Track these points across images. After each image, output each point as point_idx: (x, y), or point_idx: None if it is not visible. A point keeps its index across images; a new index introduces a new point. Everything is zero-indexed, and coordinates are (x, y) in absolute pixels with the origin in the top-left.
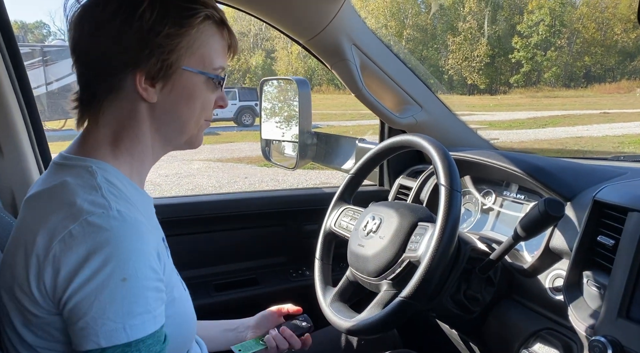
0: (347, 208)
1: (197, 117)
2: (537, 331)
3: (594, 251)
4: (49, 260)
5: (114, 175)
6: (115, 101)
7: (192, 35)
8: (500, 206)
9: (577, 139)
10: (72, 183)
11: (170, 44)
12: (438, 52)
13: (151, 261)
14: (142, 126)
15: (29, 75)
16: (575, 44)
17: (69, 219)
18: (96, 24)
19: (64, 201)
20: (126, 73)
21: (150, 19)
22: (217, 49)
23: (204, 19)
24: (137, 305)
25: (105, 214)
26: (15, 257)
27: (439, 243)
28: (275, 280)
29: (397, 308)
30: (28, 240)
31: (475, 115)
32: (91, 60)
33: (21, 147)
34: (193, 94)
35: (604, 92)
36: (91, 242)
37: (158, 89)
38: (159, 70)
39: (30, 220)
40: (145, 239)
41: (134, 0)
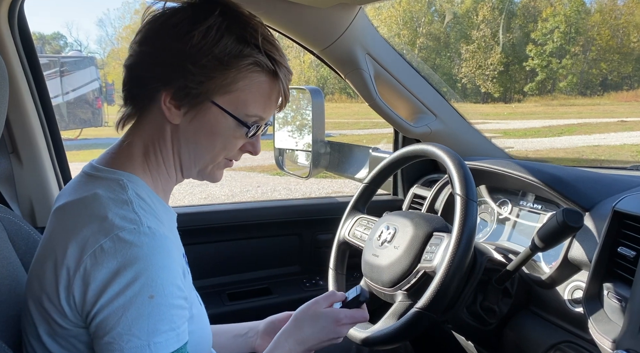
0: (361, 218)
1: (215, 154)
2: (556, 344)
3: (615, 262)
4: (79, 273)
5: (143, 189)
6: (148, 115)
7: (232, 75)
8: (517, 216)
9: (594, 148)
10: (103, 196)
11: (203, 75)
12: (451, 61)
13: (177, 278)
14: (168, 145)
15: (47, 85)
16: (591, 52)
17: (101, 233)
18: (152, 33)
19: (96, 214)
20: (156, 88)
21: (195, 45)
22: (257, 97)
23: (251, 64)
24: (162, 322)
25: (137, 230)
26: (44, 267)
27: (455, 253)
28: (289, 290)
29: (413, 320)
30: (58, 251)
31: (490, 123)
32: (133, 67)
33: (40, 157)
34: (215, 131)
35: (621, 100)
36: (121, 258)
37: (182, 112)
38: (185, 95)
39: (61, 231)
40: (172, 256)
41: (194, 20)
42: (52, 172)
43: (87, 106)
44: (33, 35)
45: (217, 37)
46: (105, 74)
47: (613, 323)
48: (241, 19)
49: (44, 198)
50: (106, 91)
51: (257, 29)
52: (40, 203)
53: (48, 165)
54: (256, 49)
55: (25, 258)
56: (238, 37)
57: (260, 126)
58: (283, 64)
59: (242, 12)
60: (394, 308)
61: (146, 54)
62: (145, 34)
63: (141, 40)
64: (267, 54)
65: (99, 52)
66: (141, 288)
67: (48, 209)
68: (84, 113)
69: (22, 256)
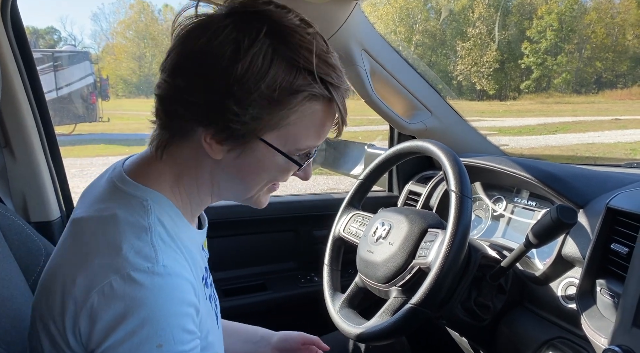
0: (356, 214)
1: (262, 186)
2: (549, 340)
3: (608, 259)
4: (86, 308)
5: (168, 211)
6: (185, 143)
7: (282, 113)
8: (511, 213)
9: (588, 146)
10: (122, 220)
11: (248, 116)
12: (447, 58)
13: (189, 323)
14: (206, 176)
15: (41, 80)
16: (586, 50)
17: (112, 268)
18: (188, 60)
19: (110, 243)
20: (194, 127)
21: (239, 79)
22: (310, 128)
23: (306, 99)
24: None
25: (150, 269)
26: (52, 287)
27: (450, 249)
28: (284, 286)
29: (407, 315)
30: (67, 278)
31: (485, 121)
32: (166, 100)
33: (33, 151)
34: (263, 167)
35: (616, 99)
36: (130, 301)
37: (225, 148)
38: (228, 136)
39: (73, 252)
40: (186, 299)
41: (238, 46)
42: (46, 167)
43: (81, 101)
44: (26, 29)
45: (265, 67)
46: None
47: (606, 319)
48: (293, 37)
49: (38, 192)
50: (100, 86)
51: (311, 49)
52: (33, 197)
53: (41, 160)
54: (310, 77)
55: (18, 253)
56: (289, 62)
57: (312, 155)
58: (340, 86)
59: (291, 25)
60: (389, 304)
61: (181, 88)
62: (179, 61)
63: (175, 69)
64: (322, 80)
65: (94, 47)
66: (148, 336)
67: (41, 204)
68: (78, 108)
69: (15, 250)
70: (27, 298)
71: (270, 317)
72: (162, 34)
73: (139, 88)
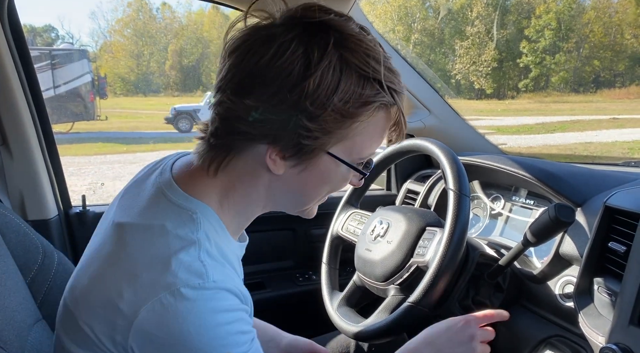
0: (355, 212)
1: (321, 198)
2: (547, 338)
3: (605, 257)
4: (136, 325)
5: (215, 226)
6: (241, 159)
7: (353, 125)
8: (509, 212)
9: (586, 145)
10: (171, 233)
11: (320, 131)
12: (445, 57)
13: (244, 325)
14: (260, 189)
15: (38, 78)
16: (584, 49)
17: (161, 284)
18: (256, 78)
19: (159, 257)
20: (261, 145)
21: (311, 95)
22: (374, 137)
23: (376, 109)
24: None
25: (201, 286)
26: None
27: (447, 248)
28: (282, 284)
29: (405, 314)
30: (113, 286)
31: (483, 120)
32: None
33: (30, 150)
34: (327, 179)
35: (614, 98)
36: (183, 317)
37: (289, 164)
38: (296, 151)
39: (118, 261)
40: (237, 306)
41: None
42: (43, 165)
43: (79, 100)
44: (24, 27)
45: (335, 80)
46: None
47: (603, 317)
48: (359, 47)
49: (35, 191)
50: (98, 85)
51: (378, 59)
52: (30, 196)
53: (39, 158)
54: (377, 85)
55: (16, 251)
56: (358, 73)
57: (372, 163)
58: (401, 91)
59: (355, 34)
60: (387, 302)
61: (250, 107)
62: (244, 79)
63: (240, 87)
64: (389, 88)
65: (91, 45)
66: (214, 349)
67: (39, 202)
68: (76, 107)
69: (13, 249)
70: (24, 296)
71: (269, 315)
72: (160, 32)
73: (137, 86)
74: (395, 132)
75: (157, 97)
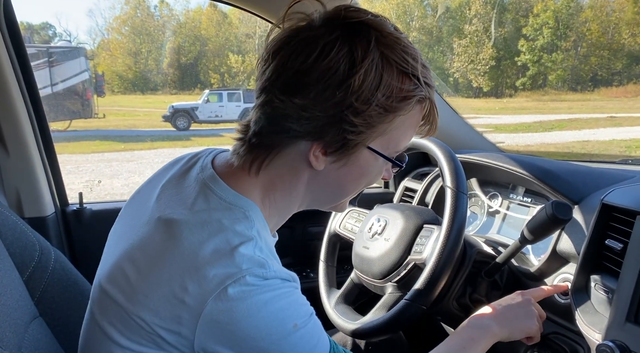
0: (352, 210)
1: (355, 192)
2: (544, 335)
3: (602, 254)
4: (205, 317)
5: (262, 223)
6: (283, 157)
7: (394, 119)
8: (507, 209)
9: (583, 143)
10: (229, 229)
11: (365, 126)
12: (444, 55)
13: (301, 296)
14: (299, 186)
15: (35, 76)
16: (582, 48)
17: (227, 275)
18: (302, 78)
19: (221, 250)
20: (307, 141)
21: (356, 91)
22: (409, 130)
23: (415, 103)
24: (312, 338)
25: (264, 275)
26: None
27: (445, 245)
28: None
29: (402, 311)
30: (175, 282)
31: (481, 118)
32: (279, 119)
33: (27, 147)
34: (365, 173)
35: (611, 96)
36: (253, 304)
37: (330, 160)
38: (340, 146)
39: (174, 256)
40: (297, 289)
41: (352, 58)
42: (40, 162)
43: (77, 98)
44: (21, 24)
45: (378, 77)
46: (95, 65)
47: (600, 314)
48: (398, 44)
49: (32, 188)
50: (96, 82)
51: (414, 56)
52: (27, 193)
53: (36, 156)
54: (415, 80)
55: (12, 249)
56: (398, 69)
57: (405, 156)
58: (433, 85)
59: (393, 33)
60: (384, 299)
61: (298, 106)
62: (291, 78)
63: (288, 86)
64: (425, 83)
65: (89, 43)
66: (282, 324)
67: (35, 199)
68: (73, 104)
69: (9, 246)
70: (21, 294)
71: None
72: (158, 30)
73: (134, 84)
74: (427, 125)
75: (155, 95)
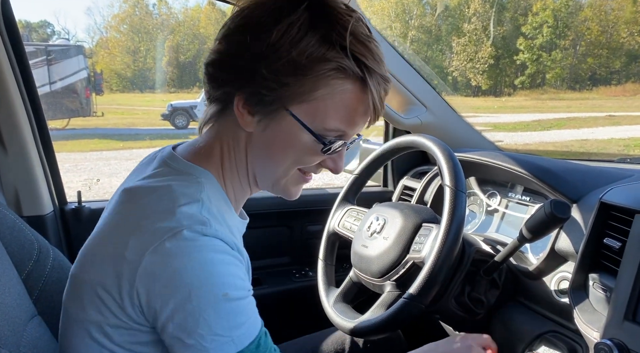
0: (351, 209)
1: (287, 168)
2: (542, 334)
3: (600, 253)
4: (142, 268)
5: (217, 192)
6: (226, 118)
7: (309, 82)
8: (505, 208)
9: (582, 142)
10: (176, 191)
11: (276, 81)
12: (442, 54)
13: (243, 271)
14: (242, 154)
15: (33, 74)
16: (580, 47)
17: (165, 229)
18: (233, 28)
19: (164, 209)
20: (230, 91)
21: (273, 45)
22: (339, 108)
23: (333, 70)
24: (240, 315)
25: (202, 231)
26: (102, 253)
27: (444, 244)
28: (279, 281)
29: (401, 310)
30: (119, 241)
31: (480, 117)
32: (210, 66)
33: (25, 145)
34: (289, 143)
35: (610, 95)
36: (187, 256)
37: (256, 120)
38: (258, 101)
39: (125, 218)
40: (237, 258)
41: (278, 14)
42: (38, 161)
43: (75, 96)
44: (19, 22)
45: (298, 37)
46: (94, 63)
47: (598, 313)
48: (331, 15)
49: (30, 186)
50: (94, 81)
51: (346, 27)
52: (26, 191)
53: (34, 154)
54: (342, 52)
55: (11, 247)
56: (323, 36)
57: (342, 143)
58: (375, 70)
59: (335, 6)
60: (383, 298)
61: (223, 52)
62: (227, 30)
63: (221, 37)
64: (355, 57)
65: (87, 41)
66: (212, 287)
67: (34, 198)
68: (72, 103)
69: (7, 245)
70: (19, 292)
71: (265, 311)
72: (157, 28)
73: (133, 83)
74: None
75: (154, 93)
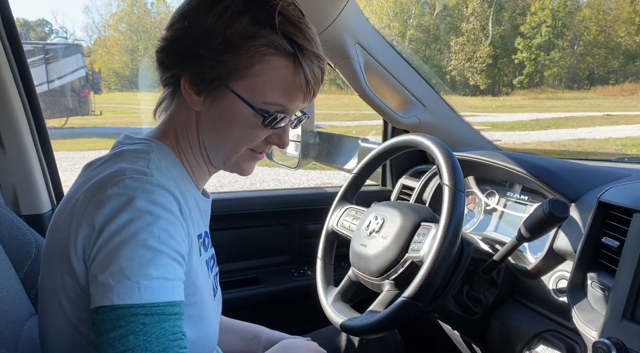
0: (350, 208)
1: (235, 145)
2: (540, 333)
3: (599, 252)
4: (85, 217)
5: (169, 157)
6: (176, 99)
7: (244, 58)
8: (504, 207)
9: (580, 141)
10: (126, 152)
11: (213, 59)
12: (441, 53)
13: (177, 233)
14: (193, 133)
15: (31, 73)
16: (579, 46)
17: (109, 181)
18: (177, 17)
19: (113, 166)
20: (177, 74)
21: (209, 27)
22: (275, 83)
23: (264, 46)
24: (154, 267)
25: (144, 179)
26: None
27: (442, 243)
28: (277, 280)
29: (400, 309)
30: (71, 202)
31: (478, 116)
32: (158, 52)
33: (23, 144)
34: (232, 119)
35: (607, 94)
36: (123, 200)
37: (202, 99)
38: (201, 81)
39: (78, 185)
40: (176, 212)
41: (214, 1)
42: (37, 159)
43: (73, 95)
44: (17, 21)
45: (232, 19)
46: (92, 62)
47: (596, 312)
48: (265, 1)
49: (28, 185)
50: (93, 79)
51: (275, 9)
52: (24, 190)
53: (32, 153)
54: (272, 31)
55: (9, 246)
56: (254, 17)
57: (283, 117)
58: (307, 47)
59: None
60: (381, 297)
61: (168, 39)
62: (172, 19)
63: (168, 26)
64: (285, 35)
65: (85, 40)
66: (137, 230)
67: (32, 196)
68: (70, 102)
69: (6, 244)
70: (17, 291)
71: (264, 310)
72: (155, 27)
73: (131, 81)
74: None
75: (152, 92)
